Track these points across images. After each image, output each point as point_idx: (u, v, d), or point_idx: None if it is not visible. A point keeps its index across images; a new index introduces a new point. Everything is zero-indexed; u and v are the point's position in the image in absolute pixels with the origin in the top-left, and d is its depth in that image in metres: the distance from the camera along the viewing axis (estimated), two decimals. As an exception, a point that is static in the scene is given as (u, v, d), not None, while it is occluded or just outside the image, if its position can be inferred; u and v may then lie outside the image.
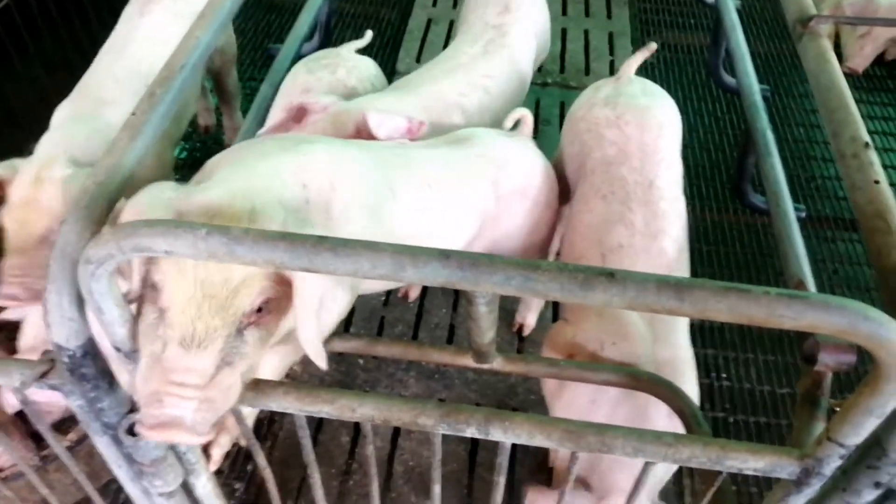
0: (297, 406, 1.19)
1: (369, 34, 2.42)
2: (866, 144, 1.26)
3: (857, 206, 1.21)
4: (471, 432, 1.17)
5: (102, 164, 1.21)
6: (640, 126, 1.87)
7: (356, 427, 2.13)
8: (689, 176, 2.95)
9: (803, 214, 1.99)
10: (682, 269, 1.79)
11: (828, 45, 1.50)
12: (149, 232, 0.93)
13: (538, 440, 1.16)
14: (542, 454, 2.04)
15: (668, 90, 3.33)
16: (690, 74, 3.42)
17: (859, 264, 2.64)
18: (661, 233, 1.74)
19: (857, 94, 3.35)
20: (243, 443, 1.45)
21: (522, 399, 2.23)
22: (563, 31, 3.61)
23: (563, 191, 2.00)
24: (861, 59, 3.24)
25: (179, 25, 1.91)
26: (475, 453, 2.10)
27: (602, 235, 1.74)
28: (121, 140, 1.26)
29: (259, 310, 1.09)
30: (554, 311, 2.44)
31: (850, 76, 3.45)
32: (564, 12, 3.73)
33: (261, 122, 2.08)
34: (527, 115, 1.97)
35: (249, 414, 1.50)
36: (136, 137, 1.27)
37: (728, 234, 2.72)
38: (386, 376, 2.26)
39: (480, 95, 2.08)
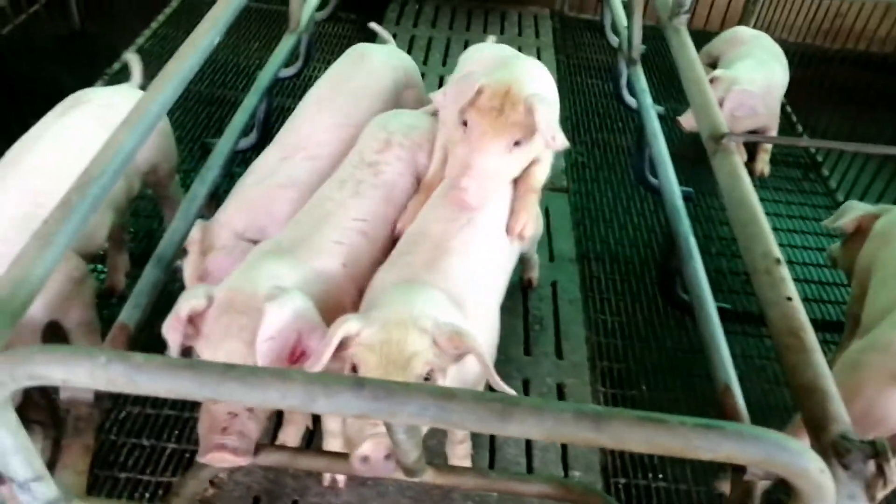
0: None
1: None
2: (777, 260, 1.30)
3: (770, 323, 1.24)
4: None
5: (7, 277, 1.16)
6: None
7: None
8: (619, 272, 3.01)
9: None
10: None
11: (739, 161, 1.58)
12: (44, 359, 0.88)
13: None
14: None
15: (598, 188, 3.49)
16: (619, 174, 3.55)
17: (785, 360, 2.70)
18: None
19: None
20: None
21: (457, 505, 2.16)
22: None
23: None
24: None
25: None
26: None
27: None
28: (28, 250, 1.21)
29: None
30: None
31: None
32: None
33: (190, 221, 2.04)
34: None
35: None
36: (46, 248, 1.22)
37: (659, 331, 2.76)
38: (316, 483, 2.16)
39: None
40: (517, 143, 1.83)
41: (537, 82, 1.99)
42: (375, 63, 2.61)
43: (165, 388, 0.87)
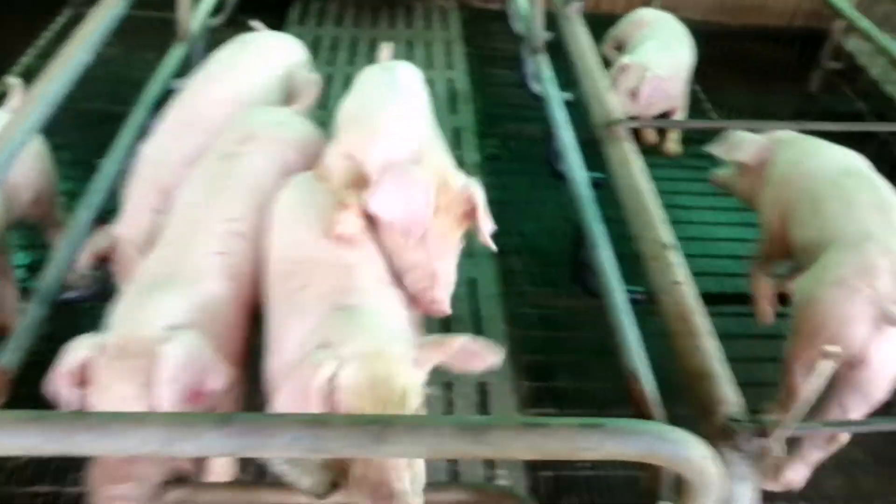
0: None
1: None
2: (666, 246, 1.31)
3: (661, 307, 1.25)
4: None
5: None
6: None
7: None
8: (537, 264, 3.02)
9: (641, 297, 2.07)
10: None
11: (630, 149, 1.58)
12: None
13: None
14: None
15: (513, 179, 3.49)
16: (533, 164, 3.56)
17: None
18: None
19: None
20: None
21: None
22: (411, 129, 3.68)
23: None
24: None
25: None
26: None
27: None
28: None
29: None
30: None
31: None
32: (410, 110, 3.82)
33: (75, 249, 1.93)
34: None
35: None
36: None
37: (578, 320, 2.78)
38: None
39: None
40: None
41: (438, 144, 1.98)
42: (265, 44, 2.61)
43: (10, 444, 0.80)
